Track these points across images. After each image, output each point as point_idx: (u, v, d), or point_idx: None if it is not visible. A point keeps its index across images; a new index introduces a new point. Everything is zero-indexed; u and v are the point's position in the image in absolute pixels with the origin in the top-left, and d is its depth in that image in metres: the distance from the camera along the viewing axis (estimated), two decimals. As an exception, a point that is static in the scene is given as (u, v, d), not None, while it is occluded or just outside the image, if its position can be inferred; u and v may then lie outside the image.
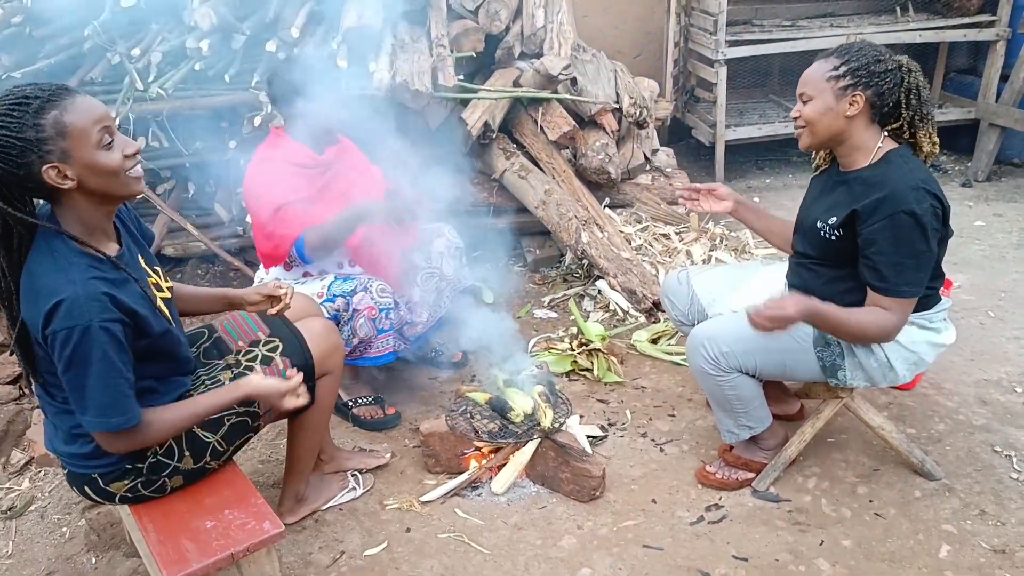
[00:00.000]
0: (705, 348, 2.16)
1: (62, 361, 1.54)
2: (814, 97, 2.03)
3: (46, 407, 1.78)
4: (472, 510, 2.35)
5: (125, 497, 1.81)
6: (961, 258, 3.98)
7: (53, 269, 1.54)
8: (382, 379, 3.01)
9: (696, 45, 5.35)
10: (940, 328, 2.17)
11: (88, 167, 1.52)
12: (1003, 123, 5.01)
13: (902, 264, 1.97)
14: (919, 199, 1.93)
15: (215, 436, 1.87)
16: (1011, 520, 2.22)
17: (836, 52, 2.02)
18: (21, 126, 1.46)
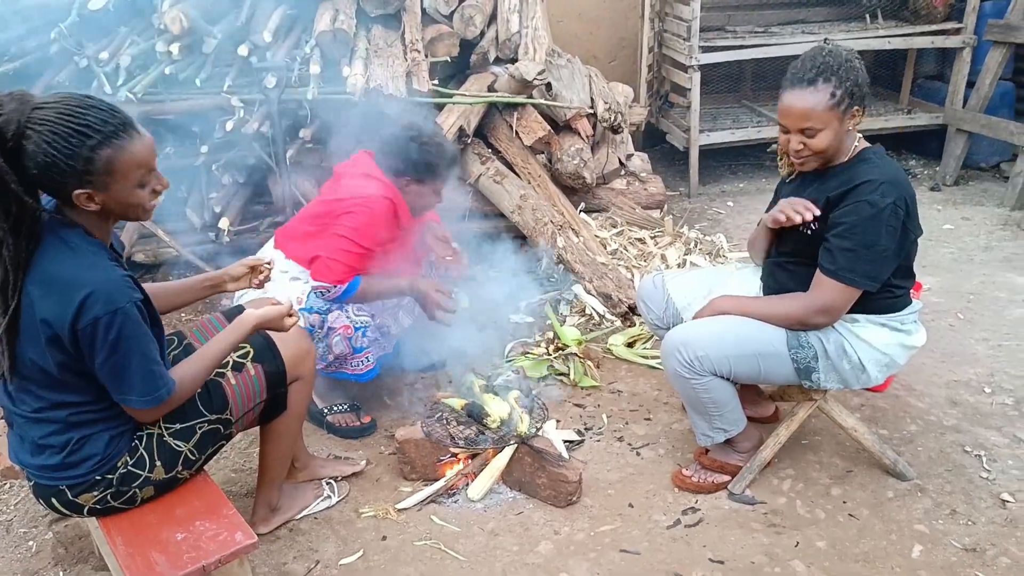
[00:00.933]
0: (680, 352, 2.17)
1: (105, 347, 1.56)
2: (821, 129, 1.99)
3: (13, 417, 1.74)
4: (448, 517, 2.33)
5: (94, 509, 1.77)
6: (930, 261, 4.04)
7: (74, 261, 1.56)
8: (356, 387, 2.98)
9: (670, 51, 5.39)
10: (911, 330, 2.20)
11: (118, 200, 1.58)
12: (970, 128, 5.10)
13: (854, 252, 2.01)
14: (885, 193, 1.98)
15: (187, 445, 1.84)
16: (981, 519, 2.25)
17: (822, 74, 1.96)
18: (74, 155, 1.49)
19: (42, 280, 1.55)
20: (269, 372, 1.99)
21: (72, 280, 1.54)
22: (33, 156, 1.48)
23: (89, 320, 1.54)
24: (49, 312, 1.55)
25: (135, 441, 1.78)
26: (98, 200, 1.56)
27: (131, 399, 1.67)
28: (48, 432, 1.69)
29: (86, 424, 1.71)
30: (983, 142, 5.24)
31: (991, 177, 5.35)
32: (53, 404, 1.68)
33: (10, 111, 1.46)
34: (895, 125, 5.49)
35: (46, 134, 1.47)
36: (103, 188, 1.54)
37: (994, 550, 2.13)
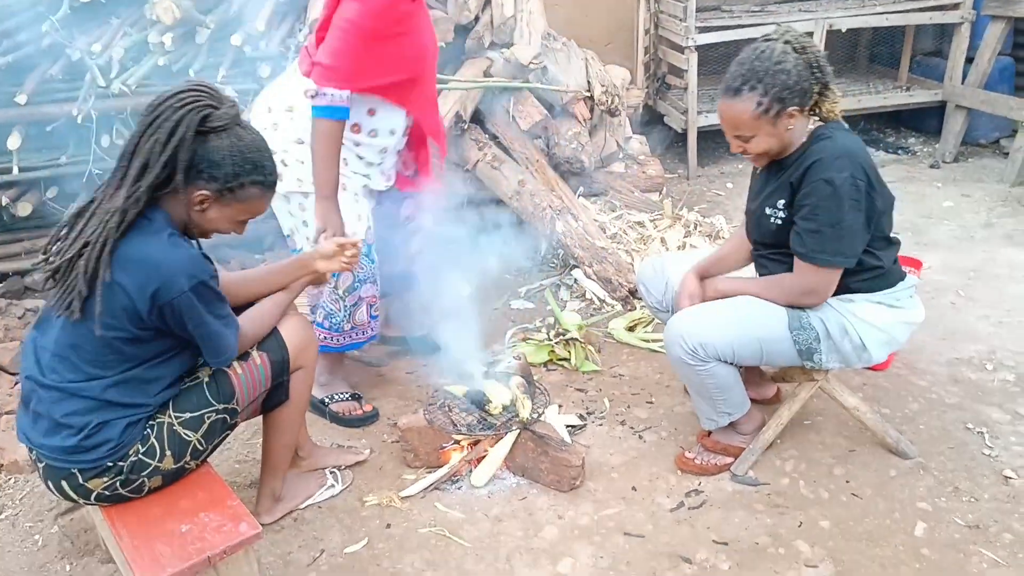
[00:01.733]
0: (683, 339, 2.16)
1: (195, 313, 1.72)
2: (754, 134, 2.03)
3: (36, 391, 1.75)
4: (452, 504, 2.34)
5: (101, 495, 1.78)
6: (930, 239, 4.03)
7: (157, 239, 1.70)
8: (356, 380, 2.98)
9: (666, 32, 5.36)
10: (907, 306, 2.19)
11: (215, 219, 1.80)
12: (969, 105, 5.08)
13: (820, 232, 2.01)
14: (840, 168, 1.97)
15: (196, 434, 1.85)
16: (984, 496, 2.25)
17: (747, 82, 1.97)
18: (236, 173, 1.73)
19: (129, 253, 1.67)
20: (274, 360, 2.00)
21: (155, 259, 1.68)
22: (211, 149, 1.70)
23: (175, 295, 1.68)
24: (131, 284, 1.66)
25: (147, 430, 1.80)
26: (206, 208, 1.76)
27: (222, 359, 1.85)
28: (72, 411, 1.71)
29: (110, 407, 1.73)
30: (982, 118, 5.22)
31: (991, 153, 5.33)
32: (89, 377, 1.72)
33: (227, 111, 1.72)
34: (894, 103, 5.46)
35: (234, 144, 1.72)
36: (220, 205, 1.77)
37: (997, 527, 2.14)
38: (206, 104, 1.69)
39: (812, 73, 2.00)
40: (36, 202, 3.75)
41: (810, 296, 2.10)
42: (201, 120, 1.68)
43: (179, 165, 1.68)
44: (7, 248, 3.88)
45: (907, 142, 5.73)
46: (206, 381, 1.89)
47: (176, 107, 1.66)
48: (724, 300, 2.24)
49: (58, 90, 3.56)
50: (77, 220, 1.72)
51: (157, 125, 1.66)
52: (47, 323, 1.79)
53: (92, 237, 1.65)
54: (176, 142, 1.66)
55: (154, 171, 1.66)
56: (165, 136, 1.65)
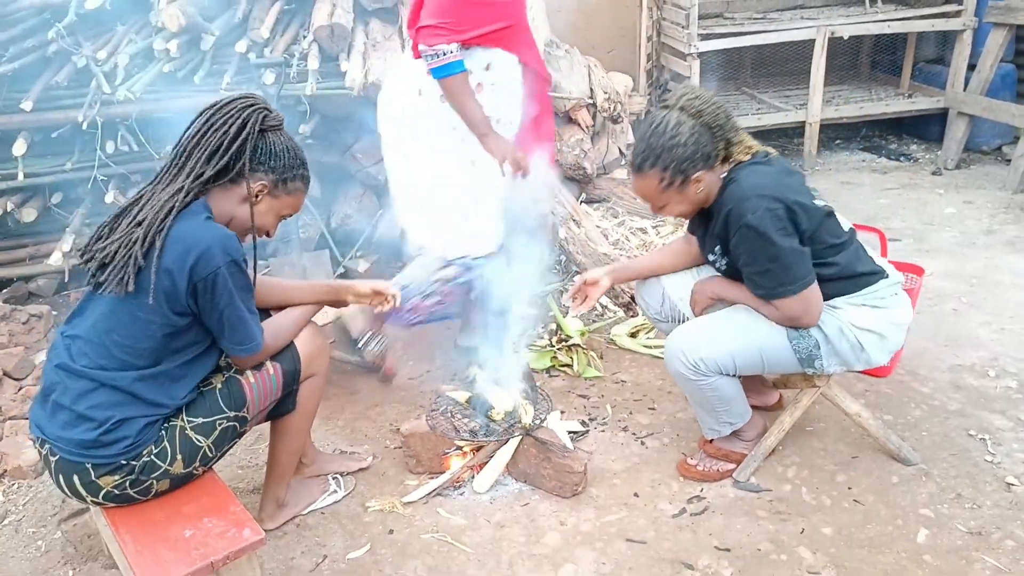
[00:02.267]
0: (684, 355, 2.17)
1: (227, 292, 1.78)
2: (665, 204, 2.11)
3: (61, 379, 1.77)
4: (455, 510, 2.34)
5: (110, 494, 1.79)
6: (932, 245, 4.04)
7: (194, 221, 1.78)
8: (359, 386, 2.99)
9: (669, 39, 5.38)
10: (891, 305, 2.18)
11: (263, 212, 1.92)
12: (971, 111, 5.08)
13: (767, 270, 2.04)
14: (752, 209, 1.98)
15: (207, 440, 1.87)
16: (987, 503, 2.25)
17: (647, 160, 2.01)
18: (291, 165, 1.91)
19: (170, 234, 1.74)
20: (286, 370, 2.01)
21: (194, 235, 1.75)
22: (271, 143, 1.87)
23: (211, 270, 1.74)
24: (173, 262, 1.72)
25: (162, 431, 1.82)
26: (260, 199, 1.90)
27: (246, 347, 1.88)
28: (96, 403, 1.74)
29: (134, 402, 1.77)
30: (984, 125, 5.23)
31: (993, 160, 5.33)
32: (122, 365, 1.76)
33: (278, 115, 1.90)
34: (896, 110, 5.47)
35: (289, 142, 1.91)
36: (272, 197, 1.91)
37: (999, 533, 2.14)
38: (264, 107, 1.87)
39: (712, 134, 2.02)
40: (40, 208, 3.77)
41: (799, 321, 2.11)
42: (263, 119, 1.84)
43: (245, 156, 1.82)
44: (11, 254, 3.90)
45: (909, 149, 5.73)
46: (219, 388, 1.91)
47: (241, 107, 1.83)
48: (722, 313, 2.24)
49: (63, 97, 3.58)
50: (123, 216, 1.80)
51: (224, 121, 1.80)
52: (81, 314, 1.84)
53: (147, 216, 1.75)
54: (245, 135, 1.81)
55: (222, 160, 1.80)
56: (235, 130, 1.80)
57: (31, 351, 3.17)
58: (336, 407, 2.91)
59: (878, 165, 5.48)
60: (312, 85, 3.55)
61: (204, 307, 1.79)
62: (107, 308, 1.77)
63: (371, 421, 2.84)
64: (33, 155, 3.64)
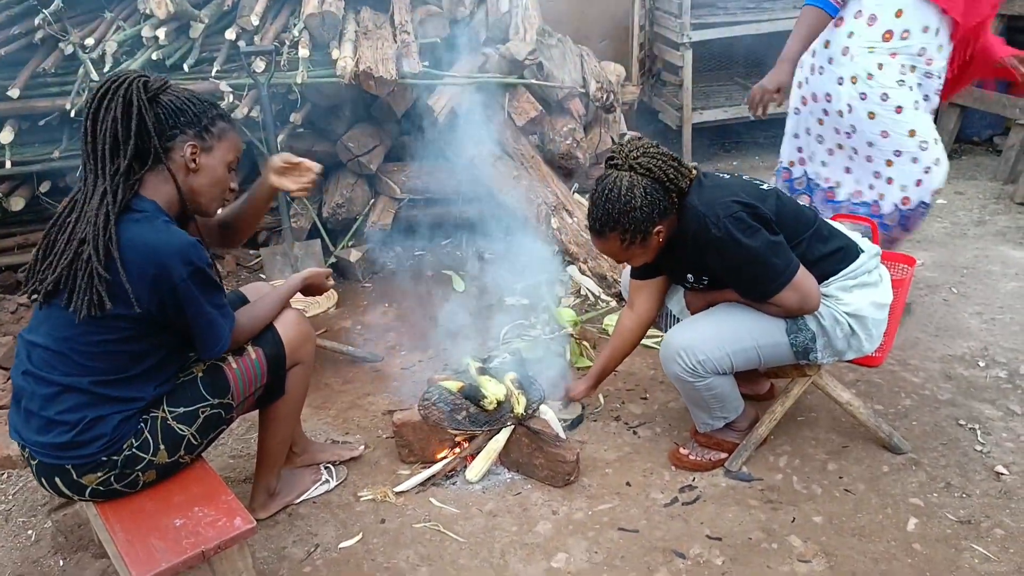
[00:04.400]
0: (681, 358, 2.17)
1: (193, 300, 1.72)
2: (630, 259, 2.16)
3: (30, 387, 1.74)
4: (447, 499, 2.34)
5: (96, 491, 1.78)
6: (924, 236, 4.04)
7: (152, 227, 1.70)
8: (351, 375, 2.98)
9: (661, 28, 5.36)
10: (876, 281, 2.19)
11: (210, 169, 1.81)
12: (963, 102, 5.09)
13: (752, 275, 2.05)
14: (715, 223, 1.98)
15: (190, 429, 1.85)
16: (976, 492, 2.27)
17: (606, 224, 2.02)
18: (202, 112, 1.78)
19: (125, 241, 1.66)
20: (270, 355, 1.99)
21: (150, 247, 1.68)
22: (167, 104, 1.74)
23: (184, 275, 1.69)
24: (131, 271, 1.66)
25: (141, 424, 1.79)
26: (197, 160, 1.78)
27: (218, 348, 1.84)
28: (65, 408, 1.71)
29: (104, 402, 1.74)
30: (976, 116, 5.23)
31: (984, 151, 5.35)
32: (83, 370, 1.72)
33: (157, 78, 1.78)
34: (888, 100, 5.46)
35: (182, 93, 1.78)
36: (208, 150, 1.80)
37: (988, 522, 2.15)
38: (139, 76, 1.74)
39: (665, 188, 2.01)
40: (29, 196, 3.74)
41: (801, 310, 2.10)
42: (144, 87, 1.73)
43: (150, 131, 1.71)
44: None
45: (901, 140, 5.73)
46: (200, 376, 1.89)
47: (115, 88, 1.70)
48: (717, 313, 2.23)
49: (51, 84, 3.54)
50: (58, 233, 1.71)
51: (107, 107, 1.69)
52: (37, 320, 1.79)
53: (87, 233, 1.65)
54: (136, 110, 1.69)
55: (128, 146, 1.69)
56: (123, 111, 1.68)
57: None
58: (328, 397, 2.90)
59: (870, 156, 5.48)
60: (303, 73, 3.52)
61: (171, 314, 1.74)
62: (63, 319, 1.70)
63: (363, 410, 2.83)
64: (21, 143, 3.61)
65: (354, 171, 3.93)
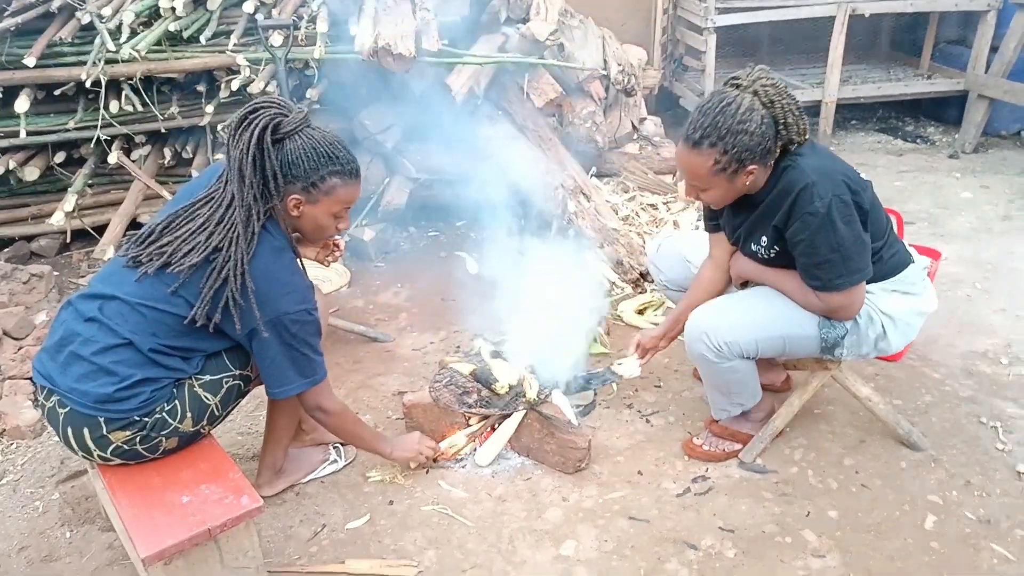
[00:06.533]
0: (708, 337, 2.12)
1: (301, 337, 1.84)
2: (708, 188, 1.98)
3: (97, 337, 1.77)
4: (456, 482, 2.32)
5: (119, 448, 1.78)
6: (948, 230, 3.97)
7: (285, 264, 1.85)
8: (362, 355, 2.96)
9: (685, 12, 5.27)
10: (921, 291, 2.14)
11: (314, 217, 1.89)
12: (991, 95, 4.98)
13: (828, 260, 1.94)
14: (820, 195, 1.88)
15: (215, 399, 1.89)
16: (996, 491, 2.22)
17: (707, 137, 1.88)
18: (316, 167, 1.82)
19: (259, 273, 1.78)
20: None
21: (284, 280, 1.82)
22: (287, 152, 1.80)
23: (291, 312, 1.81)
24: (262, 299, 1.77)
25: (174, 389, 1.82)
26: (301, 210, 1.86)
27: (301, 383, 1.90)
28: (121, 359, 1.75)
29: (155, 367, 1.78)
30: (1004, 109, 5.13)
31: (1012, 145, 5.24)
32: (154, 337, 1.78)
33: (294, 118, 1.82)
34: (915, 91, 5.37)
35: (306, 143, 1.82)
36: (312, 202, 1.86)
37: (1008, 522, 2.10)
38: (275, 114, 1.80)
39: (777, 132, 1.91)
40: (43, 167, 3.72)
41: (838, 314, 2.04)
42: (274, 128, 1.79)
43: (268, 175, 1.79)
44: (13, 213, 3.87)
45: (926, 131, 5.63)
46: (225, 350, 1.92)
47: (252, 118, 1.78)
48: (746, 296, 2.18)
49: (67, 54, 3.52)
50: (185, 220, 1.82)
51: (240, 136, 1.78)
52: (119, 276, 1.83)
53: (223, 244, 1.77)
54: (258, 156, 1.78)
55: (252, 181, 1.78)
56: (249, 147, 1.77)
57: (31, 311, 3.14)
58: (339, 376, 2.88)
59: (894, 147, 5.39)
60: (321, 48, 3.48)
61: (255, 349, 1.84)
62: (155, 291, 1.78)
63: (374, 391, 2.81)
64: (36, 113, 3.59)
65: (370, 149, 3.89)
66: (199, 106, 3.71)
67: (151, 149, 3.90)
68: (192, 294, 1.78)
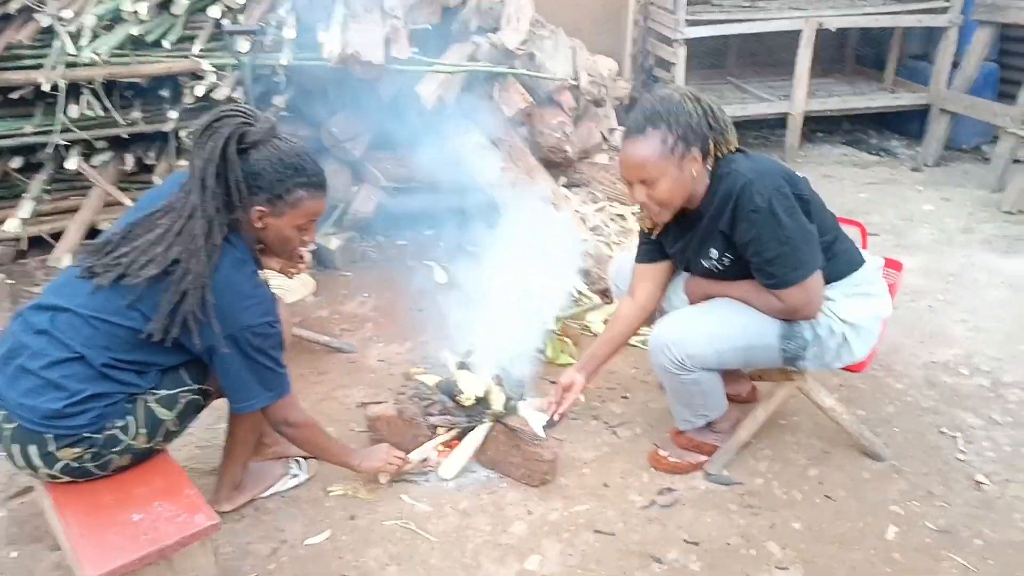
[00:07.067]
0: (670, 350, 2.11)
1: (264, 350, 1.80)
2: (658, 178, 1.96)
3: (47, 350, 1.70)
4: (420, 496, 2.28)
5: (68, 467, 1.72)
6: (911, 241, 4.03)
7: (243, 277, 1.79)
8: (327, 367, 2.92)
9: (655, 24, 5.31)
10: (879, 292, 2.16)
11: (279, 230, 1.85)
12: (953, 109, 5.08)
13: (779, 255, 1.95)
14: (759, 190, 1.92)
15: (171, 414, 1.83)
16: (956, 501, 2.24)
17: (650, 121, 1.93)
18: (281, 179, 1.78)
19: (220, 286, 1.72)
20: None
21: (245, 293, 1.77)
22: (252, 163, 1.77)
23: (259, 325, 1.77)
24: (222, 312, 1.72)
25: (127, 405, 1.76)
26: (265, 222, 1.82)
27: (266, 397, 1.86)
28: (71, 374, 1.69)
29: (107, 382, 1.72)
30: (966, 123, 5.23)
31: (972, 159, 5.35)
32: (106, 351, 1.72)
33: (261, 127, 1.78)
34: (878, 104, 5.46)
35: (273, 154, 1.78)
36: (277, 215, 1.82)
37: (968, 532, 2.12)
38: (241, 123, 1.76)
39: (708, 123, 1.97)
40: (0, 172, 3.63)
41: (802, 311, 2.04)
42: (240, 138, 1.74)
43: (232, 185, 1.75)
44: (-32, 219, 3.75)
45: (890, 144, 5.73)
46: (183, 364, 1.86)
47: (216, 126, 1.74)
48: (709, 308, 2.17)
49: (25, 56, 3.44)
50: (144, 230, 1.76)
51: (204, 144, 1.73)
52: (72, 287, 1.77)
53: (182, 256, 1.71)
54: (219, 162, 1.72)
55: (215, 192, 1.73)
56: (213, 155, 1.72)
57: (-15, 320, 3.05)
58: (302, 388, 2.83)
59: (859, 159, 5.47)
60: (288, 55, 3.44)
61: (217, 363, 1.80)
62: (111, 304, 1.73)
63: (338, 403, 2.77)
64: (-8, 117, 3.50)
65: (338, 157, 3.85)
66: (163, 111, 3.64)
67: (112, 155, 3.82)
68: (149, 308, 1.73)
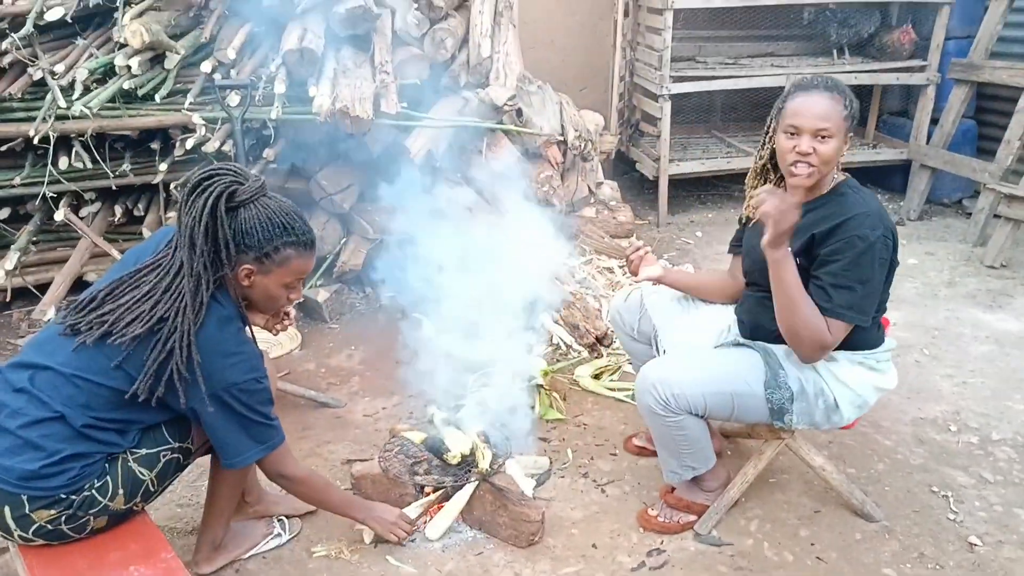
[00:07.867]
0: (656, 389, 2.11)
1: (252, 406, 1.79)
2: (833, 135, 1.98)
3: (25, 409, 1.68)
4: (404, 557, 2.23)
5: (42, 528, 1.68)
6: (896, 296, 4.04)
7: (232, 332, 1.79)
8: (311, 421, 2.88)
9: (641, 80, 5.41)
10: (885, 369, 2.17)
11: (265, 288, 1.85)
12: (933, 164, 5.18)
13: (850, 287, 1.97)
14: (873, 226, 1.96)
15: (151, 474, 1.80)
16: (949, 563, 2.21)
17: (836, 87, 2.02)
18: (269, 238, 1.78)
19: (205, 345, 1.72)
20: None
21: (230, 351, 1.76)
22: (241, 221, 1.76)
23: (245, 383, 1.76)
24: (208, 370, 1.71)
25: (105, 465, 1.73)
26: (252, 280, 1.81)
27: (258, 450, 1.85)
28: (50, 434, 1.66)
29: (86, 442, 1.70)
30: (946, 178, 5.32)
31: (954, 213, 5.43)
32: (88, 410, 1.70)
33: (250, 186, 1.78)
34: (861, 159, 5.56)
35: (262, 213, 1.77)
36: (264, 273, 1.82)
37: (962, 595, 2.10)
38: (231, 181, 1.76)
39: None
40: (-14, 223, 3.62)
41: (815, 345, 2.01)
42: (229, 196, 1.74)
43: (220, 244, 1.75)
44: (-48, 269, 3.72)
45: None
46: (164, 421, 1.84)
47: (206, 185, 1.74)
48: (699, 353, 2.19)
49: (16, 109, 3.45)
50: (129, 287, 1.76)
51: (194, 202, 1.73)
52: (53, 344, 1.75)
53: (170, 314, 1.70)
54: (208, 220, 1.72)
55: (203, 249, 1.73)
56: (203, 214, 1.71)
57: (-37, 374, 2.99)
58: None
59: (843, 213, 5.54)
60: (278, 109, 3.47)
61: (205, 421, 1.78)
62: (84, 356, 1.71)
63: (323, 459, 2.72)
64: (-20, 168, 3.50)
65: (327, 209, 3.86)
66: (152, 164, 3.66)
67: (101, 206, 3.82)
68: (134, 367, 1.71)
